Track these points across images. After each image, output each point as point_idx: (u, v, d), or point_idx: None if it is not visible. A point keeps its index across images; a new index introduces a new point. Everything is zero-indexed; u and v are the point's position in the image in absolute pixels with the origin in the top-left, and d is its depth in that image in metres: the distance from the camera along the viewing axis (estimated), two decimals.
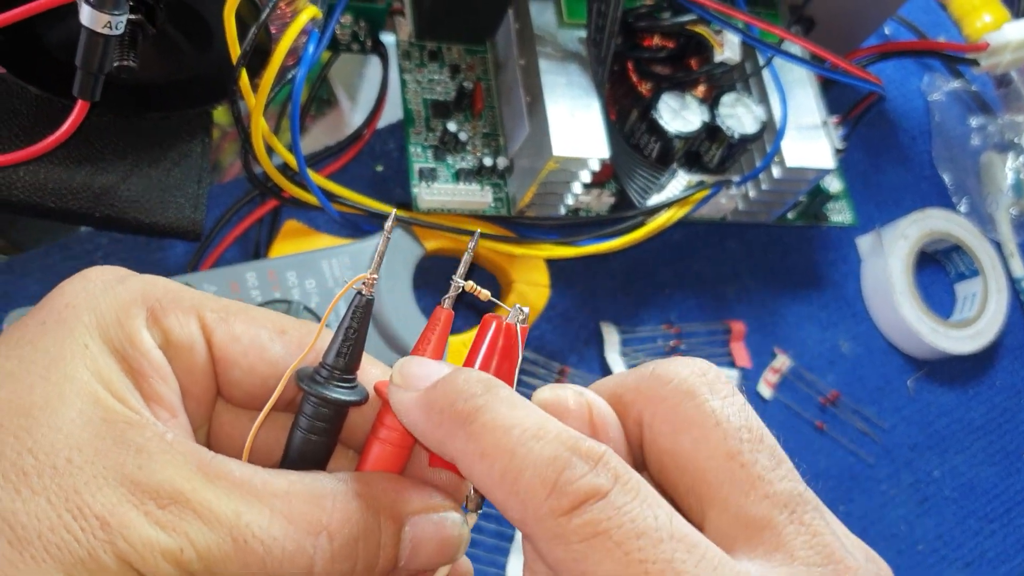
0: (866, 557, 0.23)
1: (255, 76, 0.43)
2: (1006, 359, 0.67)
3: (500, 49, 0.55)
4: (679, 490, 0.25)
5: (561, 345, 0.56)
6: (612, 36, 0.48)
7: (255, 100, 0.43)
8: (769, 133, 0.55)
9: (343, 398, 0.26)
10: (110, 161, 0.48)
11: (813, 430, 0.59)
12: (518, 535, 0.44)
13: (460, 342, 0.50)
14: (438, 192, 0.51)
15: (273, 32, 0.42)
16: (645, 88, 0.54)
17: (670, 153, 0.53)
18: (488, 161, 0.52)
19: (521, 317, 0.27)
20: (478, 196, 0.52)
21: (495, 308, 0.36)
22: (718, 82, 0.55)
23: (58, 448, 0.23)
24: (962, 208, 0.69)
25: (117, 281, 0.27)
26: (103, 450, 0.23)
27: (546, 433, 0.23)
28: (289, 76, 0.46)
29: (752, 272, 0.62)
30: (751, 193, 0.57)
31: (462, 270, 0.28)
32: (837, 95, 0.65)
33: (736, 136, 0.53)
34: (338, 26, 0.53)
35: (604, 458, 0.22)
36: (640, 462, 0.26)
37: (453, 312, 0.29)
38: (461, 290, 0.28)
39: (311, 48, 0.43)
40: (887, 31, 0.73)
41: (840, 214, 0.62)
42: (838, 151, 0.56)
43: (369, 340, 0.47)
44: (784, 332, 0.61)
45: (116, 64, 0.40)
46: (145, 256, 0.50)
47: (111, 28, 0.37)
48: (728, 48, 0.52)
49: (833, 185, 0.60)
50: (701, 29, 0.52)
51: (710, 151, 0.54)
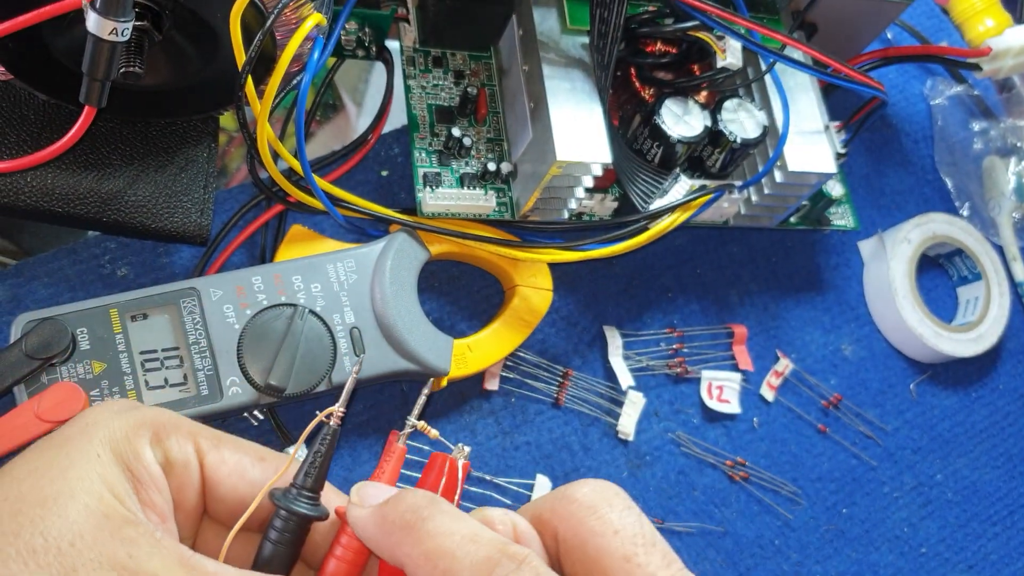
0: None
1: (260, 82, 0.44)
2: (1009, 363, 0.67)
3: (504, 55, 0.56)
4: None
5: (564, 348, 0.56)
6: (615, 42, 0.49)
7: (260, 106, 0.43)
8: (771, 138, 0.55)
9: (306, 512, 0.32)
10: (117, 166, 0.48)
11: (816, 433, 0.60)
12: None
13: (465, 345, 0.51)
14: (442, 197, 0.51)
15: (278, 38, 0.43)
16: (648, 93, 0.55)
17: (673, 158, 0.53)
18: (492, 166, 0.52)
19: (463, 455, 0.33)
20: (482, 201, 0.52)
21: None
22: (720, 87, 0.56)
23: (64, 534, 0.28)
24: (964, 212, 0.70)
25: (131, 408, 0.33)
26: (101, 540, 0.28)
27: (480, 538, 0.28)
28: (294, 82, 0.46)
29: (754, 276, 0.62)
30: (753, 197, 0.57)
31: (417, 411, 0.34)
32: (839, 100, 0.65)
33: (738, 141, 0.53)
34: (343, 32, 0.54)
35: (527, 558, 0.28)
36: (560, 572, 0.31)
37: (406, 448, 0.35)
38: (414, 428, 0.34)
39: (316, 54, 0.43)
40: (889, 36, 0.73)
41: (842, 218, 0.62)
42: (840, 156, 0.57)
43: (375, 344, 0.47)
44: (786, 335, 0.61)
45: (122, 70, 0.40)
46: (152, 260, 0.50)
47: (117, 35, 0.37)
48: (730, 54, 0.52)
49: (835, 189, 0.60)
50: (703, 35, 0.52)
51: (712, 156, 0.54)
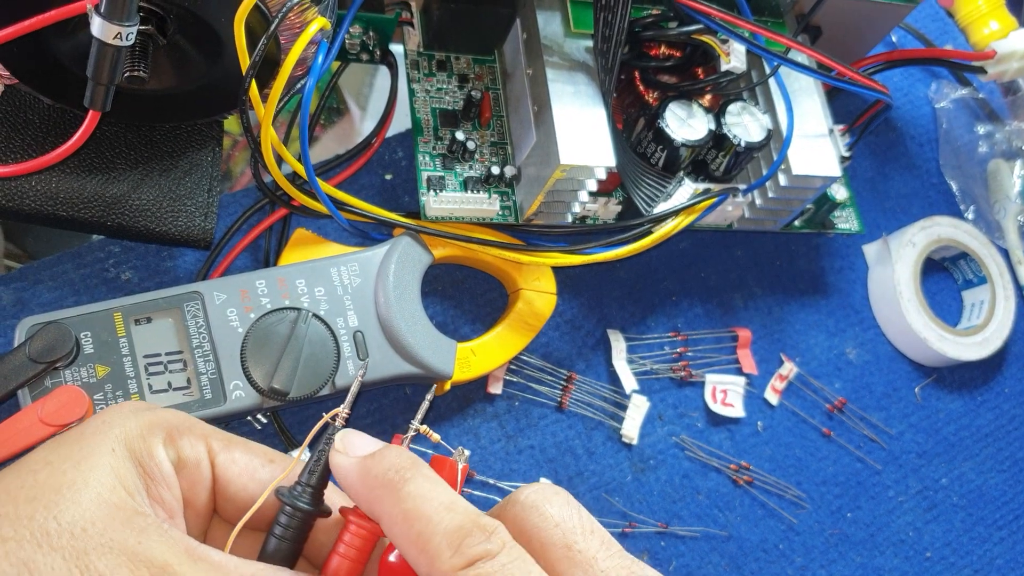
0: None
1: (265, 86, 0.44)
2: (1014, 366, 0.67)
3: (508, 59, 0.56)
4: None
5: (568, 352, 0.56)
6: (619, 46, 0.49)
7: (265, 110, 0.43)
8: (775, 141, 0.55)
9: (309, 509, 0.33)
10: (121, 170, 0.48)
11: (820, 437, 0.60)
12: None
13: (469, 349, 0.51)
14: (446, 200, 0.52)
15: (283, 42, 0.43)
16: (651, 97, 0.55)
17: (676, 161, 0.53)
18: (496, 170, 0.52)
19: (463, 459, 0.34)
20: (486, 204, 0.52)
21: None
22: (724, 91, 0.56)
23: (76, 519, 0.29)
24: (969, 215, 0.69)
25: (145, 409, 0.34)
26: (112, 527, 0.29)
27: (456, 507, 0.30)
28: (299, 86, 0.46)
29: (759, 279, 0.62)
30: (758, 201, 0.57)
31: (420, 416, 0.35)
32: (843, 103, 0.65)
33: (742, 144, 0.53)
34: (347, 36, 0.54)
35: (497, 531, 0.30)
36: None
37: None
38: (417, 432, 0.35)
39: (320, 58, 0.43)
40: (894, 39, 0.73)
41: (847, 222, 0.62)
42: (844, 159, 0.57)
43: (378, 348, 0.47)
44: (791, 339, 0.61)
45: (127, 75, 0.40)
46: (156, 264, 0.50)
47: (122, 39, 0.37)
48: (734, 57, 0.52)
49: (839, 193, 0.60)
50: (707, 38, 0.52)
51: (716, 159, 0.54)
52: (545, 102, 0.50)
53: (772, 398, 0.59)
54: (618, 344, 0.56)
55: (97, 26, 0.37)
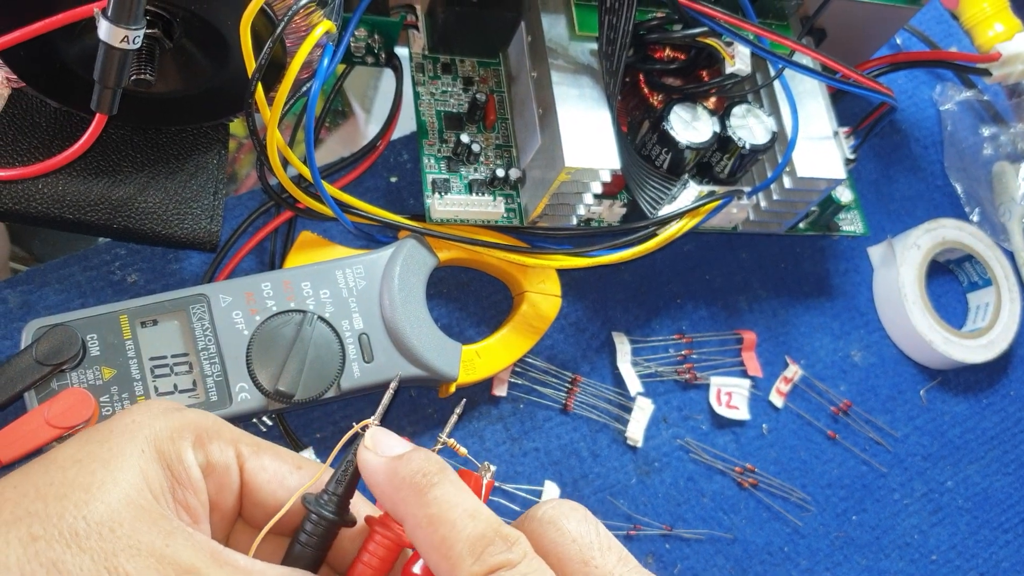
0: None
1: (270, 89, 0.44)
2: (1020, 369, 0.67)
3: (512, 62, 0.56)
4: None
5: (573, 355, 0.56)
6: (623, 48, 0.49)
7: (270, 113, 0.43)
8: (780, 144, 0.55)
9: (334, 517, 0.34)
10: (128, 173, 0.48)
11: (825, 439, 0.59)
12: None
13: (474, 351, 0.51)
14: (451, 203, 0.52)
15: (288, 46, 0.43)
16: (656, 100, 0.55)
17: (681, 164, 0.53)
18: (501, 172, 0.52)
19: (488, 474, 0.34)
20: (491, 207, 0.52)
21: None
22: (729, 93, 0.56)
23: (105, 520, 0.29)
24: (974, 218, 0.69)
25: (175, 410, 0.34)
26: (140, 528, 0.29)
27: (479, 515, 0.31)
28: (304, 89, 0.46)
29: (763, 282, 0.62)
30: (762, 203, 0.57)
31: (448, 429, 0.35)
32: (848, 106, 0.65)
33: (747, 147, 0.53)
34: (352, 39, 0.54)
35: (519, 541, 0.30)
36: None
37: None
38: (444, 445, 0.35)
39: (326, 61, 0.44)
40: (898, 42, 0.73)
41: (851, 224, 0.62)
42: (849, 161, 0.57)
43: (383, 350, 0.47)
44: (796, 342, 0.61)
45: (133, 78, 0.41)
46: (162, 267, 0.50)
47: (129, 42, 0.37)
48: (739, 60, 0.52)
49: (844, 195, 0.60)
50: (712, 41, 0.52)
51: (721, 162, 0.54)
52: (550, 105, 0.50)
53: (777, 401, 0.59)
54: (623, 347, 0.56)
55: (104, 30, 0.37)
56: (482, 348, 0.51)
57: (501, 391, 0.53)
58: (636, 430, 0.55)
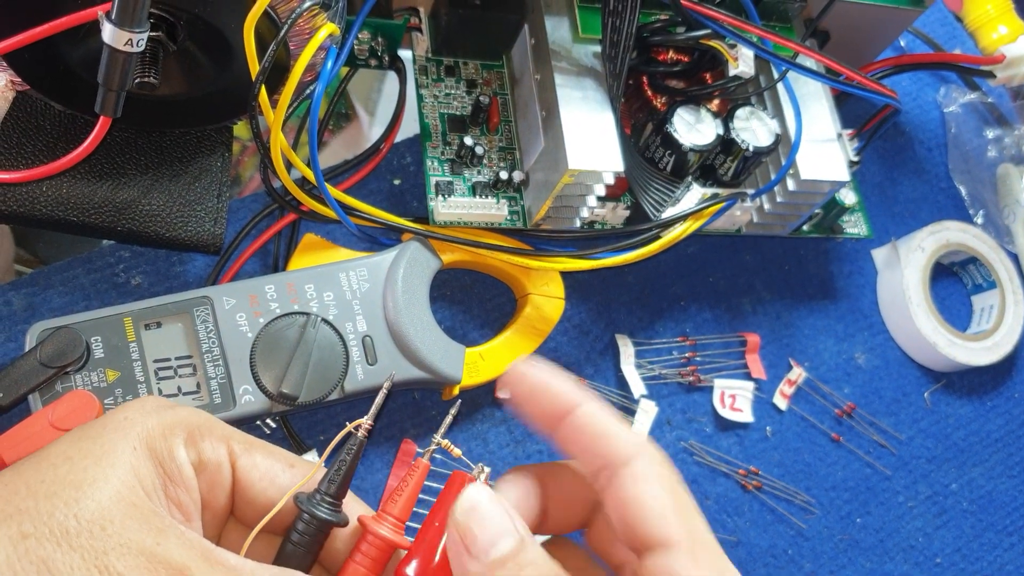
0: None
1: (274, 92, 0.44)
2: None
3: (516, 64, 0.56)
4: None
5: (577, 357, 0.56)
6: (627, 51, 0.49)
7: (274, 116, 0.43)
8: (783, 146, 0.55)
9: (326, 517, 0.33)
10: (131, 176, 0.48)
11: (829, 442, 0.59)
12: None
13: (477, 353, 0.51)
14: (455, 205, 0.52)
15: (292, 48, 0.43)
16: (660, 102, 0.55)
17: (684, 166, 0.53)
18: (504, 175, 0.52)
19: (483, 475, 0.34)
20: (494, 209, 0.52)
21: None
22: (732, 96, 0.56)
23: (96, 518, 0.29)
24: (979, 220, 0.69)
25: (167, 407, 0.33)
26: (130, 526, 0.29)
27: None
28: (308, 91, 0.46)
29: (767, 284, 0.62)
30: (766, 206, 0.57)
31: (442, 430, 0.35)
32: (852, 108, 0.65)
33: (751, 149, 0.53)
34: (356, 42, 0.54)
35: None
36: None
37: (430, 464, 0.36)
38: (439, 445, 0.35)
39: (329, 64, 0.44)
40: (902, 44, 0.73)
41: (855, 226, 0.62)
42: (853, 164, 0.57)
43: (386, 352, 0.48)
44: (799, 344, 0.61)
45: (137, 81, 0.41)
46: (166, 269, 0.50)
47: (132, 45, 0.37)
48: (742, 62, 0.52)
49: (848, 198, 0.60)
50: (715, 43, 0.52)
51: (724, 164, 0.54)
52: (553, 107, 0.50)
53: (781, 403, 0.59)
54: (626, 349, 0.56)
55: (108, 32, 0.37)
56: (485, 350, 0.51)
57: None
58: (640, 432, 0.55)
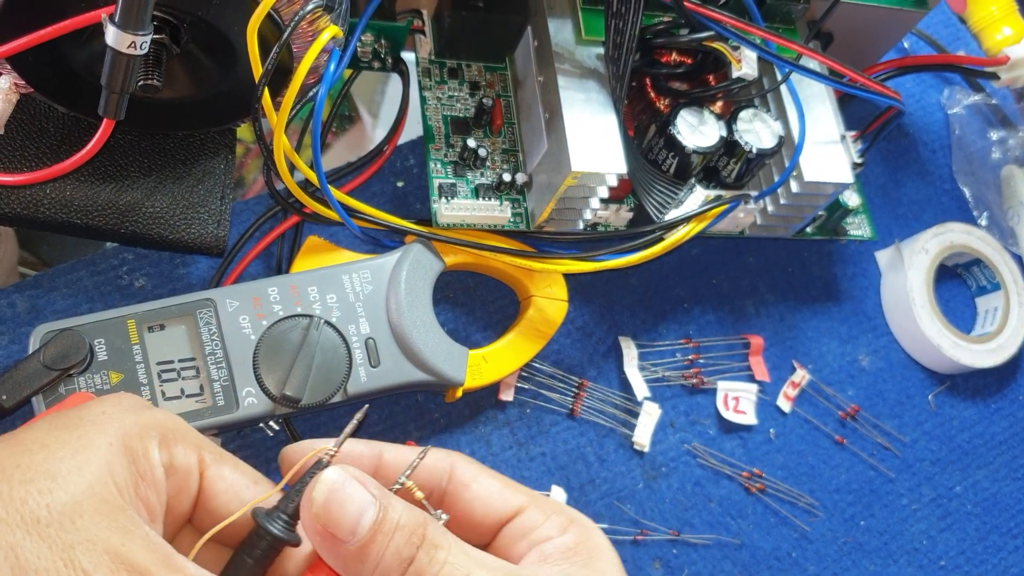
0: None
1: (277, 94, 0.44)
2: None
3: (519, 66, 0.56)
4: None
5: (580, 359, 0.56)
6: (630, 53, 0.49)
7: (277, 118, 0.43)
8: (787, 148, 0.55)
9: (279, 534, 0.34)
10: (135, 178, 0.48)
11: (833, 444, 0.59)
12: None
13: (480, 356, 0.51)
14: (458, 208, 0.52)
15: (295, 51, 0.43)
16: (663, 104, 0.55)
17: (688, 168, 0.53)
18: (507, 177, 0.52)
19: (441, 522, 0.34)
20: (497, 211, 0.52)
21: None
22: (736, 98, 0.55)
23: (67, 510, 0.29)
24: (983, 222, 0.69)
25: (144, 407, 0.34)
26: (100, 523, 0.29)
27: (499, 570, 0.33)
28: (311, 94, 0.46)
29: (771, 286, 0.62)
30: (769, 207, 0.57)
31: (408, 471, 0.35)
32: (855, 110, 0.65)
33: (754, 151, 0.53)
34: (359, 44, 0.54)
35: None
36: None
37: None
38: (402, 486, 0.35)
39: (332, 66, 0.44)
40: (906, 45, 0.73)
41: (859, 228, 0.62)
42: (856, 165, 0.56)
43: (389, 354, 0.47)
44: (803, 346, 0.61)
45: (141, 83, 0.41)
46: (169, 271, 0.51)
47: (136, 48, 0.37)
48: (746, 64, 0.52)
49: (852, 199, 0.60)
50: (719, 45, 0.52)
51: (728, 166, 0.54)
52: (556, 109, 0.50)
53: (784, 405, 0.59)
54: (630, 351, 0.56)
55: (111, 35, 0.37)
56: (489, 353, 0.51)
57: (508, 396, 0.53)
58: (643, 435, 0.55)
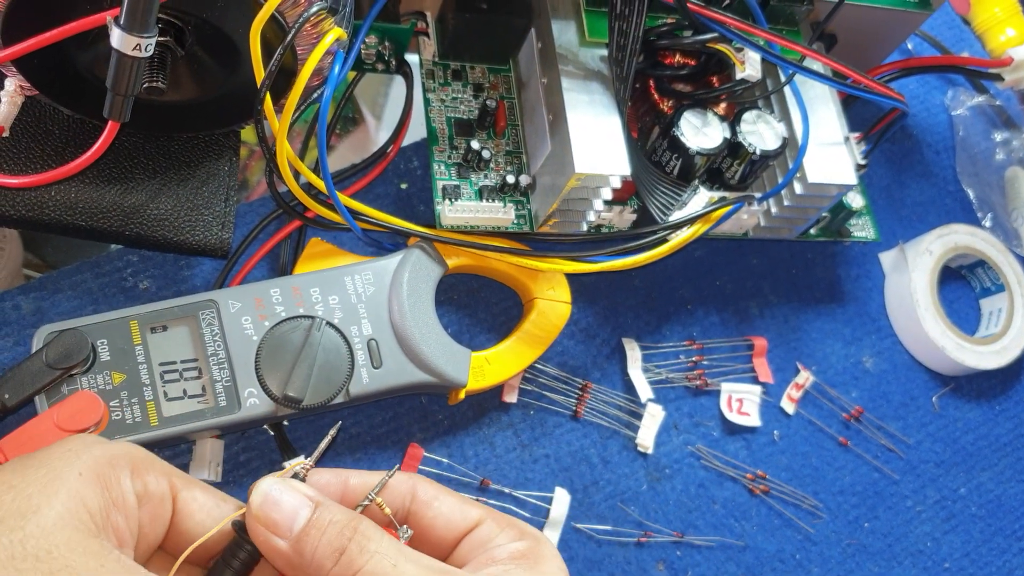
0: None
1: (281, 96, 0.44)
2: None
3: (523, 68, 0.56)
4: None
5: (583, 360, 0.56)
6: (633, 54, 0.49)
7: (280, 122, 0.43)
8: (791, 149, 0.55)
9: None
10: (140, 180, 0.49)
11: (837, 446, 0.59)
12: None
13: (484, 358, 0.51)
14: (461, 209, 0.52)
15: (299, 53, 0.43)
16: (666, 105, 0.55)
17: (691, 170, 0.53)
18: (511, 178, 0.53)
19: (406, 537, 0.36)
20: (501, 213, 0.52)
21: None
22: (739, 99, 0.55)
23: (41, 544, 0.30)
24: (987, 223, 0.69)
25: (110, 442, 0.35)
26: (74, 550, 0.30)
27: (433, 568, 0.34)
28: (315, 96, 0.46)
29: (774, 288, 0.62)
30: (773, 209, 0.57)
31: (378, 488, 0.37)
32: (859, 111, 0.65)
33: (757, 153, 0.53)
34: (363, 46, 0.54)
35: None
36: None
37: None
38: (371, 502, 0.36)
39: (336, 68, 0.44)
40: (910, 47, 0.73)
41: (863, 230, 0.62)
42: (860, 167, 0.56)
43: (392, 356, 0.48)
44: (807, 348, 0.61)
45: (145, 85, 0.41)
46: (174, 273, 0.51)
47: (141, 50, 0.37)
48: (749, 65, 0.52)
49: (855, 201, 0.60)
50: (722, 47, 0.52)
51: (731, 168, 0.54)
52: (560, 111, 0.50)
53: (788, 407, 0.59)
54: (633, 353, 0.56)
55: (116, 38, 0.37)
56: (492, 354, 0.51)
57: (511, 397, 0.53)
58: (647, 436, 0.55)
